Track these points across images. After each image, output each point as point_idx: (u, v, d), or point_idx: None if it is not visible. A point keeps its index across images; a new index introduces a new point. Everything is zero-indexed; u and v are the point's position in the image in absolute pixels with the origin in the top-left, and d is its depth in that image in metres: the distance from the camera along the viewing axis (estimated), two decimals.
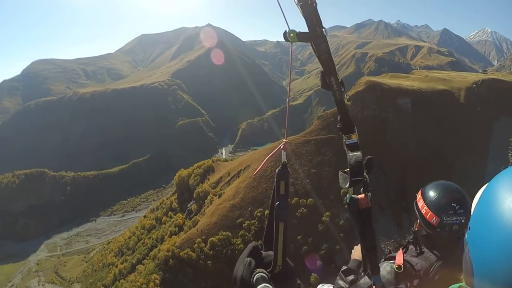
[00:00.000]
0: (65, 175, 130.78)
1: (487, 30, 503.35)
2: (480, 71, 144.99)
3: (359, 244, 2.81)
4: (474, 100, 71.80)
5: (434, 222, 2.70)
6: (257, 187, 55.56)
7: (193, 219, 60.45)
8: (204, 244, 49.87)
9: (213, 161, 78.53)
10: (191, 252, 49.65)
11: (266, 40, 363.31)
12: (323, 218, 51.21)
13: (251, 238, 48.36)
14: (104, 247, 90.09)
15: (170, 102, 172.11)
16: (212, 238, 49.91)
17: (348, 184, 2.05)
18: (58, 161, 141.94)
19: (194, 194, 67.64)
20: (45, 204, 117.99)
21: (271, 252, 1.94)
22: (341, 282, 2.82)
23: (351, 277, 2.80)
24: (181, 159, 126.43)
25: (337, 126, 2.20)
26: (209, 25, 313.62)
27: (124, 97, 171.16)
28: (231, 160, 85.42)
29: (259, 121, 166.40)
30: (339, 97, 2.05)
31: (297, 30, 1.83)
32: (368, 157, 2.11)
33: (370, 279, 2.36)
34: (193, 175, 74.82)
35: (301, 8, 1.74)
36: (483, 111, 68.97)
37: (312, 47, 1.91)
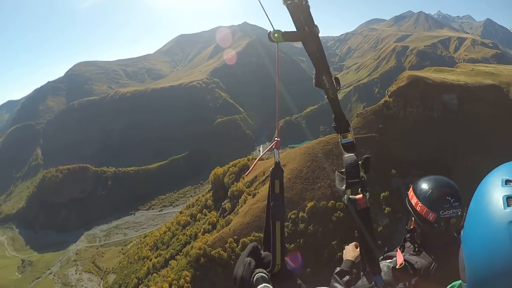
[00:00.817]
0: (106, 170, 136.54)
1: None
2: None
3: (350, 245, 3.09)
4: None
5: (431, 218, 2.62)
6: (292, 188, 53.70)
7: (226, 218, 59.98)
8: (235, 245, 49.15)
9: (248, 160, 77.69)
10: (222, 251, 49.18)
11: None
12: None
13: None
14: (141, 240, 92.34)
15: (208, 100, 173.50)
16: (244, 239, 48.89)
17: (344, 186, 2.10)
18: (100, 157, 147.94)
19: (229, 192, 67.08)
20: (87, 197, 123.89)
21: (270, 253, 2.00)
22: (337, 285, 2.73)
23: (346, 278, 2.74)
24: (219, 157, 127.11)
25: (332, 125, 2.25)
26: (245, 23, 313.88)
27: (163, 96, 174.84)
28: (267, 159, 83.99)
29: (297, 118, 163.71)
30: (332, 95, 2.07)
31: (283, 30, 1.80)
32: (365, 156, 2.14)
33: (369, 280, 2.39)
34: (228, 173, 74.33)
35: (287, 7, 1.73)
36: None
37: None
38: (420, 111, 63.50)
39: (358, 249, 2.83)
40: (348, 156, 2.09)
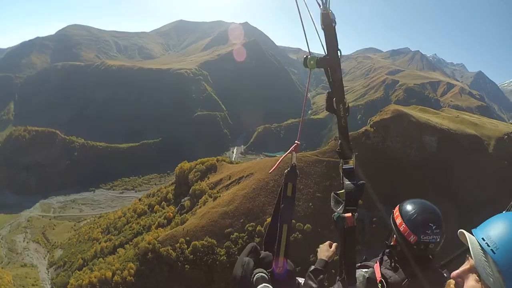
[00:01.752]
0: (75, 141, 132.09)
1: None
2: (510, 121, 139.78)
3: (324, 244, 3.08)
4: (504, 152, 66.19)
5: (411, 240, 2.74)
6: (255, 199, 52.20)
7: (183, 216, 57.97)
8: (186, 246, 47.31)
9: (217, 160, 75.60)
10: (171, 250, 47.30)
11: (299, 49, 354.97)
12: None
13: (236, 252, 44.93)
14: (95, 220, 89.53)
15: (193, 91, 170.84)
16: (196, 242, 47.21)
17: (342, 211, 2.22)
18: (72, 126, 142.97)
19: (191, 190, 65.07)
20: (50, 164, 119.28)
21: (270, 253, 2.05)
22: (311, 283, 2.74)
23: (320, 277, 2.77)
24: (192, 150, 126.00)
25: (336, 150, 2.41)
26: (246, 23, 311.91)
27: (149, 77, 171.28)
28: (237, 163, 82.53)
29: (277, 127, 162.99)
30: (344, 124, 2.21)
31: (317, 56, 1.84)
32: (360, 182, 2.26)
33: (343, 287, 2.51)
34: (194, 170, 72.24)
35: (324, 30, 1.74)
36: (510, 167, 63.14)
37: (326, 73, 1.95)
38: (398, 147, 63.47)
39: (332, 248, 2.89)
40: (349, 184, 2.21)
